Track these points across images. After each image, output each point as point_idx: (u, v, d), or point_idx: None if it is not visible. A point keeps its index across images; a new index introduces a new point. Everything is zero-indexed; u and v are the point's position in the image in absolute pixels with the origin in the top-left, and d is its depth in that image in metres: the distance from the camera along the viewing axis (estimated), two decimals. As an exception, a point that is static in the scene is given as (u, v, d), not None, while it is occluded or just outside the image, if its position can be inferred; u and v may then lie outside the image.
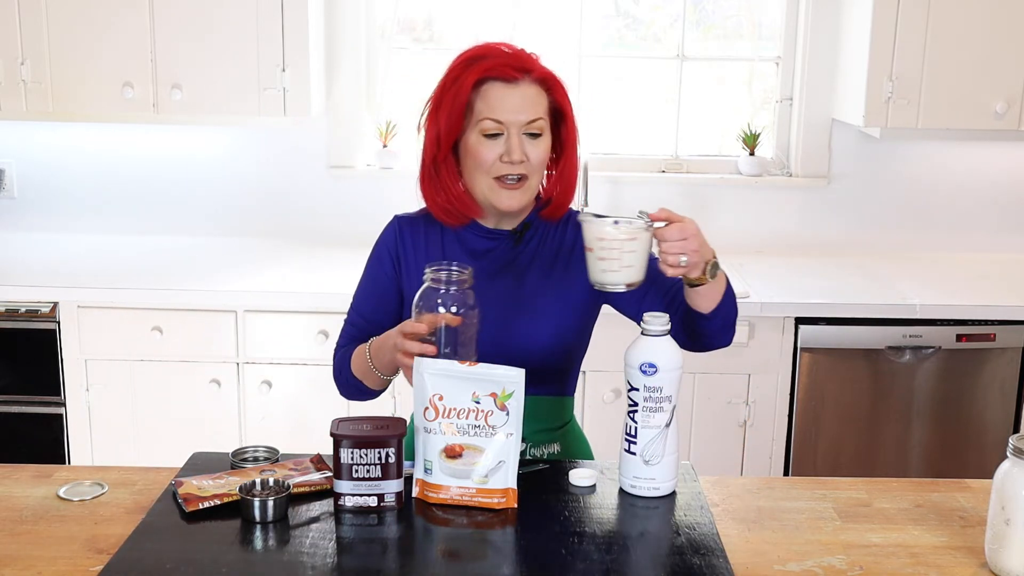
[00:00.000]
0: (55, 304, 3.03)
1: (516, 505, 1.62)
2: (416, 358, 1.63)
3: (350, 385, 1.87)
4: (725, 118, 3.71)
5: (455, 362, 1.62)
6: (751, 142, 3.60)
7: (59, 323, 3.04)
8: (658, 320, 1.64)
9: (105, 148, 3.60)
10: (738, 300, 3.10)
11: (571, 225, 1.88)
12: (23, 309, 3.03)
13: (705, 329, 1.75)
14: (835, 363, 3.08)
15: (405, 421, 1.65)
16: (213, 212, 3.62)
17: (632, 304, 1.84)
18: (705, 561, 1.47)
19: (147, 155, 3.60)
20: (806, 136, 3.59)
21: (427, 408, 1.63)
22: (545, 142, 1.78)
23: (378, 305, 1.89)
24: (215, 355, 3.07)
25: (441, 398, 1.62)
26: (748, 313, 3.02)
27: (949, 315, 3.05)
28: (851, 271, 3.40)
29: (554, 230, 1.88)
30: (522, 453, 1.70)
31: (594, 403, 3.07)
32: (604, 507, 1.63)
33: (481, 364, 1.64)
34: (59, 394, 3.09)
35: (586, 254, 1.63)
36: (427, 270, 1.64)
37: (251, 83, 3.18)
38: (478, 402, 1.62)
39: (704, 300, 1.70)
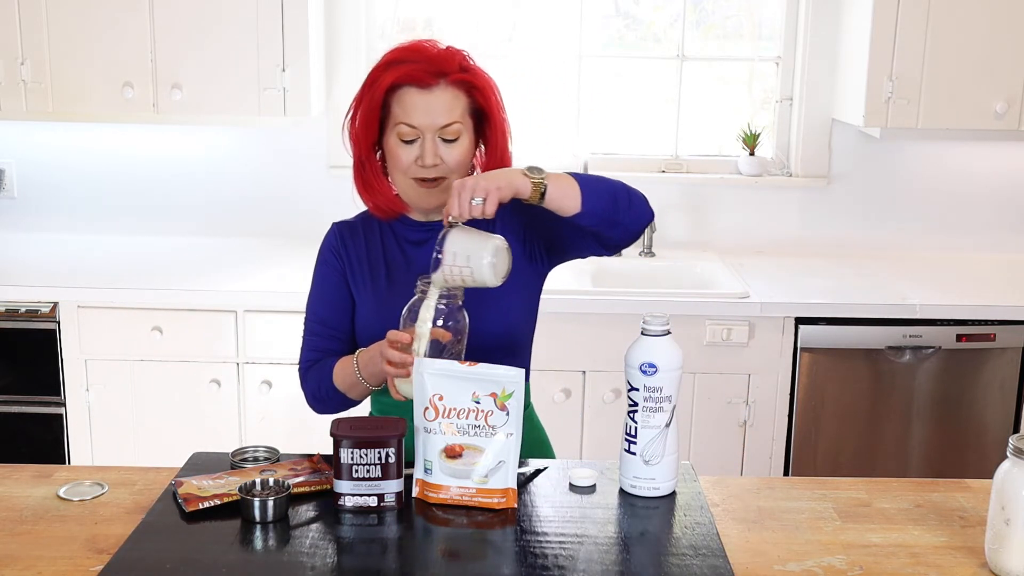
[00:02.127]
0: (55, 304, 3.03)
1: (516, 505, 1.62)
2: (416, 359, 1.64)
3: (332, 400, 1.87)
4: (725, 118, 3.71)
5: (455, 362, 1.62)
6: (751, 142, 3.60)
7: (59, 323, 3.04)
8: (658, 320, 1.64)
9: (105, 148, 3.60)
10: (738, 300, 3.12)
11: (503, 209, 1.85)
12: (23, 309, 3.03)
13: (597, 226, 1.76)
14: (835, 363, 3.08)
15: (405, 421, 1.65)
16: (213, 212, 3.62)
17: (555, 246, 1.88)
18: (705, 561, 1.47)
19: (147, 155, 3.60)
20: (806, 136, 3.59)
21: (427, 408, 1.63)
22: (462, 145, 1.81)
23: (336, 309, 1.90)
24: (215, 355, 3.07)
25: (441, 398, 1.62)
26: (748, 313, 3.02)
27: (949, 315, 3.05)
28: (851, 271, 3.40)
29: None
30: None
31: (594, 403, 3.07)
32: (604, 507, 1.63)
33: (481, 364, 1.64)
34: (59, 394, 3.09)
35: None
36: (419, 282, 1.67)
37: (251, 83, 3.18)
38: (478, 402, 1.62)
39: (565, 203, 1.71)
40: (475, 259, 1.63)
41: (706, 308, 3.03)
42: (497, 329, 1.84)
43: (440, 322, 1.65)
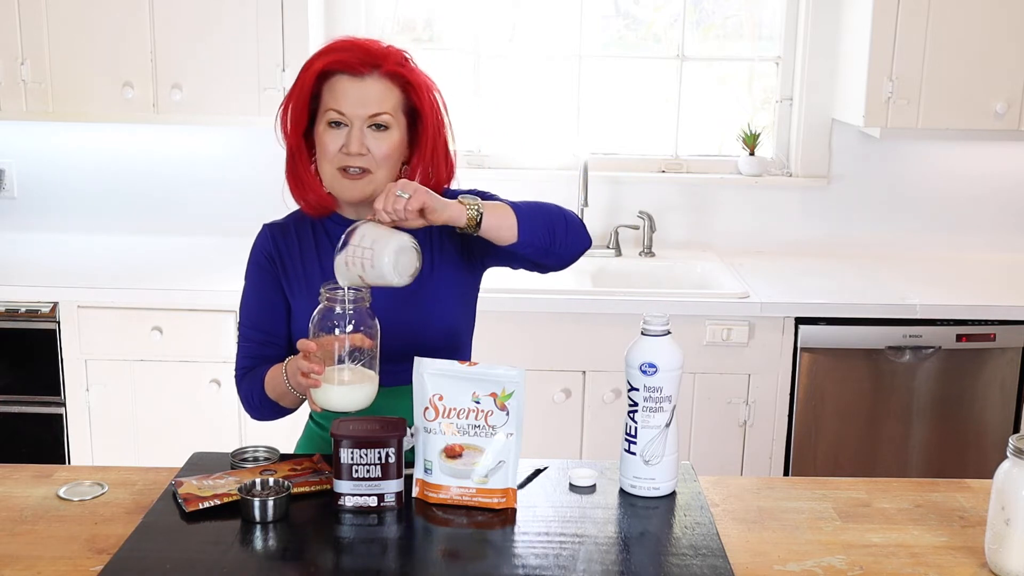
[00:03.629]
0: (55, 304, 3.03)
1: (516, 505, 1.62)
2: (416, 359, 1.64)
3: (265, 407, 1.84)
4: (725, 118, 3.71)
5: (455, 362, 1.62)
6: (751, 142, 3.60)
7: (59, 323, 3.04)
8: (658, 320, 1.64)
9: (105, 148, 3.60)
10: (738, 300, 3.12)
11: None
12: (23, 309, 3.03)
13: (532, 255, 1.77)
14: (835, 363, 3.08)
15: (405, 421, 1.65)
16: (213, 212, 3.62)
17: (489, 262, 1.88)
18: (705, 561, 1.47)
19: (147, 155, 3.60)
20: (806, 136, 3.59)
21: (427, 408, 1.63)
22: (392, 136, 1.78)
23: (270, 315, 1.88)
24: (215, 355, 3.06)
25: (441, 398, 1.62)
26: (748, 313, 3.02)
27: (949, 315, 3.05)
28: (851, 271, 3.40)
29: None
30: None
31: (594, 403, 3.07)
32: (604, 507, 1.63)
33: (480, 363, 1.64)
34: (59, 394, 3.09)
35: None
36: (323, 290, 1.63)
37: (251, 83, 3.18)
38: (478, 402, 1.62)
39: (501, 233, 1.71)
40: (379, 248, 1.58)
41: (706, 308, 3.03)
42: (440, 325, 1.83)
43: (350, 327, 1.60)
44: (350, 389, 1.61)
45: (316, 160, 1.84)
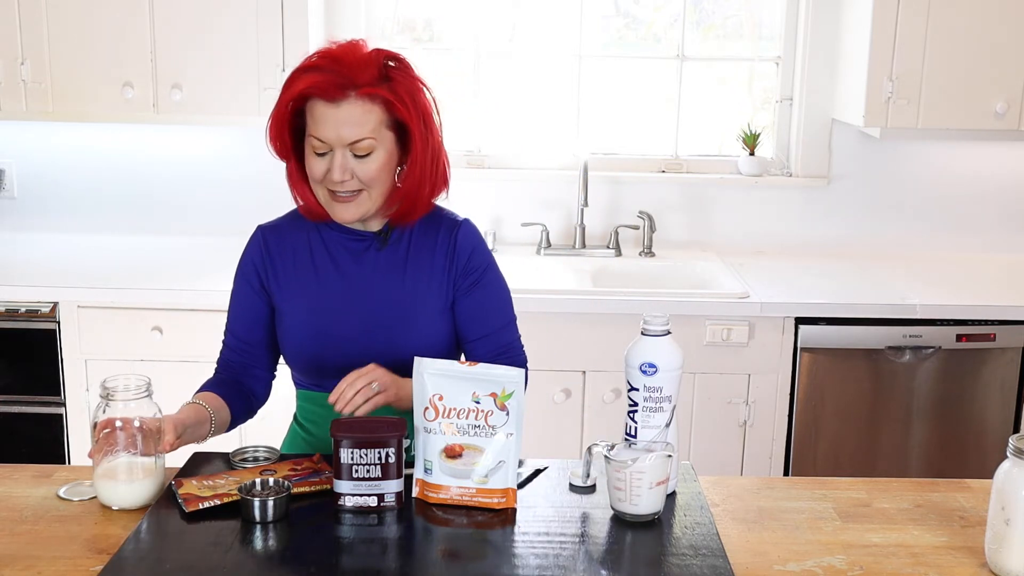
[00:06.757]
0: (55, 304, 3.03)
1: (516, 505, 1.62)
2: (416, 359, 1.65)
3: None
4: (725, 118, 3.71)
5: (455, 362, 1.63)
6: (751, 142, 3.60)
7: (59, 323, 3.04)
8: (658, 320, 1.64)
9: (105, 148, 3.60)
10: (738, 300, 3.12)
11: (443, 224, 1.87)
12: (23, 309, 3.03)
13: None
14: (835, 363, 3.08)
15: (405, 421, 1.65)
16: (213, 212, 3.62)
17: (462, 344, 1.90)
18: (705, 561, 1.47)
19: (147, 155, 3.60)
20: (806, 136, 3.59)
21: (427, 408, 1.63)
22: (376, 159, 1.75)
23: (248, 324, 1.91)
24: (215, 355, 3.05)
25: (441, 398, 1.62)
26: (748, 313, 3.02)
27: (949, 315, 3.05)
28: (851, 271, 3.40)
29: (423, 229, 1.87)
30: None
31: (594, 403, 3.07)
32: (605, 507, 1.63)
33: (480, 364, 1.64)
34: (59, 394, 3.09)
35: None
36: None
37: (251, 83, 3.18)
38: (478, 402, 1.62)
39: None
40: None
41: (706, 308, 3.03)
42: (428, 344, 1.83)
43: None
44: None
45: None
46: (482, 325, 1.85)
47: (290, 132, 1.80)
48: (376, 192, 1.77)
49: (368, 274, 1.85)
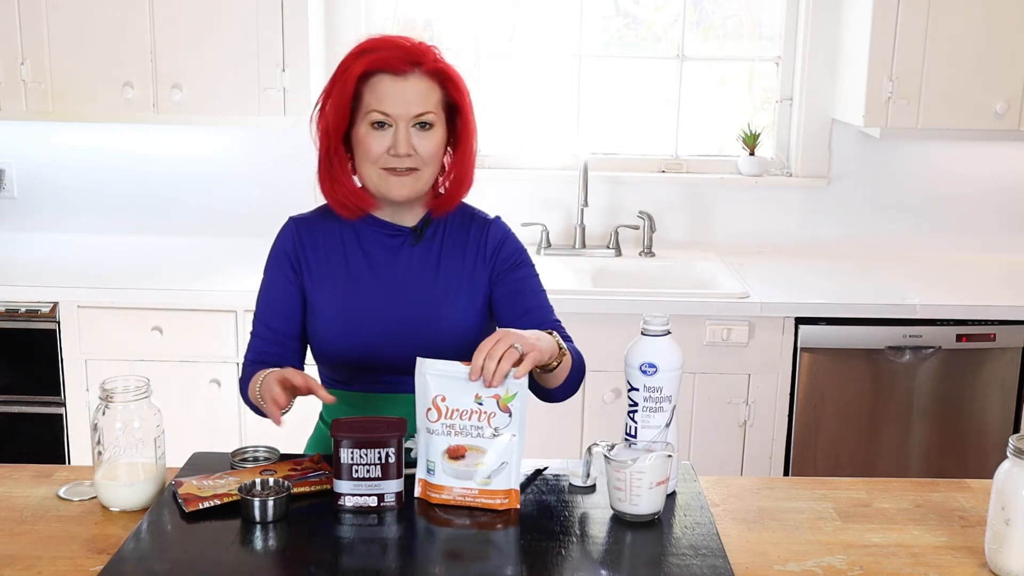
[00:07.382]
0: (55, 304, 3.03)
1: (519, 506, 1.62)
2: (419, 359, 1.64)
3: (252, 406, 1.83)
4: (725, 118, 3.71)
5: (458, 363, 1.62)
6: (751, 142, 3.60)
7: (59, 323, 3.04)
8: (658, 320, 1.64)
9: (105, 148, 3.60)
10: (738, 300, 3.12)
11: (475, 221, 1.89)
12: (23, 309, 3.03)
13: (547, 395, 1.81)
14: (835, 363, 3.08)
15: (405, 421, 1.65)
16: (213, 212, 3.62)
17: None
18: (705, 561, 1.47)
19: (147, 155, 3.60)
20: (806, 136, 3.59)
21: (430, 409, 1.63)
22: (436, 135, 1.78)
23: (283, 314, 1.86)
24: (215, 355, 3.07)
25: (444, 399, 1.62)
26: (748, 313, 3.02)
27: (949, 315, 3.05)
28: (851, 271, 3.40)
29: (456, 226, 1.88)
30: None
31: (594, 403, 3.07)
32: (605, 507, 1.63)
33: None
34: (59, 394, 3.09)
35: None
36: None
37: (251, 83, 3.18)
38: (481, 403, 1.61)
39: (552, 381, 1.74)
40: None
41: (706, 308, 3.03)
42: (452, 333, 1.82)
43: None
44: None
45: (353, 161, 1.82)
46: (525, 300, 1.86)
47: (347, 117, 1.79)
48: (428, 172, 1.79)
49: (401, 271, 1.84)
